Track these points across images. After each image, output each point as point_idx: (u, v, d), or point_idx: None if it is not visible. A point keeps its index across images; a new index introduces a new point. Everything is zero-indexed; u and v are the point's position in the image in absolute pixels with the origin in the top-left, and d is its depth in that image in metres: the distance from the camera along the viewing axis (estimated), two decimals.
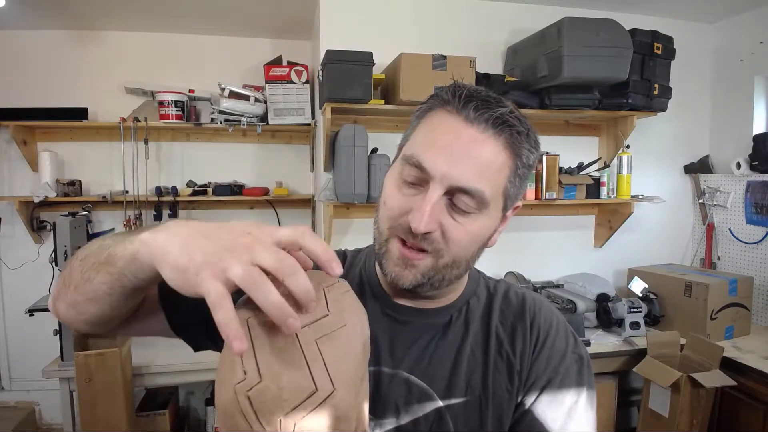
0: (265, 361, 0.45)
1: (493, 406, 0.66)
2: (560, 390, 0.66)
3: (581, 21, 2.17)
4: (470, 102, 0.58)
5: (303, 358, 0.46)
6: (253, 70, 2.81)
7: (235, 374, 0.44)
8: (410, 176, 0.60)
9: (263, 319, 0.47)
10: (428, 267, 0.61)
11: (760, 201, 2.57)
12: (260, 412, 0.43)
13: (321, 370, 0.46)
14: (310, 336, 0.47)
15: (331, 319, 0.49)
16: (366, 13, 2.40)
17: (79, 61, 2.71)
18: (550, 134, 2.71)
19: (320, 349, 0.47)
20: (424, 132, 0.62)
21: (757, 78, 2.65)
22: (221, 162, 2.85)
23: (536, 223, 2.76)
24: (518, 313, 0.71)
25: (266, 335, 0.46)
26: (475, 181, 0.58)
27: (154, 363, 2.23)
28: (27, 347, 2.69)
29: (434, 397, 0.65)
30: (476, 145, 0.58)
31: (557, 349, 0.68)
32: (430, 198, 0.57)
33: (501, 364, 0.67)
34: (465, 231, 0.60)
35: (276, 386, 0.44)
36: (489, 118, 0.58)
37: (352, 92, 2.05)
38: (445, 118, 0.60)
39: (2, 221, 2.70)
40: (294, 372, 0.45)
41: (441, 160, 0.58)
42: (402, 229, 0.60)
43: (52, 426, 2.83)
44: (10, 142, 2.59)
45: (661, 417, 2.04)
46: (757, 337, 2.38)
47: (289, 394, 0.44)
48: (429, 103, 0.64)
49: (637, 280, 2.49)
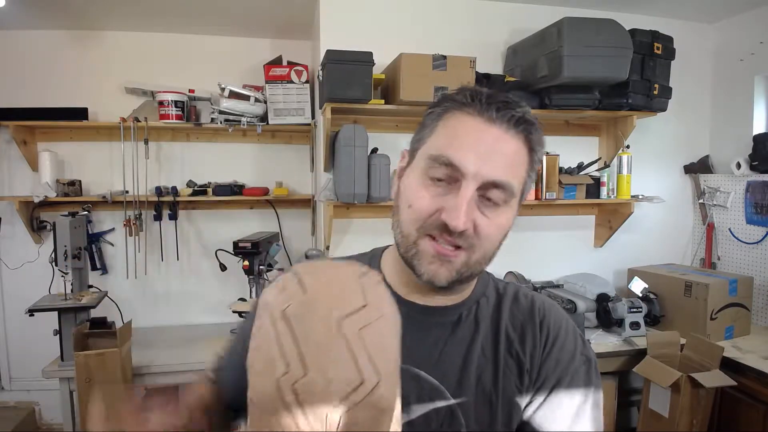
0: (309, 353, 0.43)
1: (503, 403, 0.66)
2: (569, 390, 0.67)
3: (581, 21, 2.17)
4: (491, 104, 0.61)
5: (347, 349, 0.44)
6: (253, 70, 2.81)
7: (276, 367, 0.43)
8: (439, 174, 0.61)
9: (301, 309, 0.46)
10: (462, 263, 0.63)
11: (760, 201, 2.57)
12: (307, 405, 0.42)
13: (366, 362, 0.44)
14: (351, 326, 0.45)
15: (369, 309, 0.48)
16: (366, 13, 2.40)
17: (79, 61, 2.71)
18: (550, 134, 2.67)
19: (363, 340, 0.45)
20: (446, 133, 0.63)
21: (757, 78, 2.65)
22: (221, 162, 2.85)
23: (536, 223, 2.76)
24: (528, 314, 0.72)
25: (306, 325, 0.45)
26: (505, 175, 0.61)
27: (154, 363, 2.23)
28: (27, 347, 2.69)
29: (445, 393, 0.66)
30: (501, 142, 0.61)
31: (566, 350, 0.69)
32: (464, 195, 0.59)
33: (511, 363, 0.68)
34: (495, 225, 0.62)
35: (323, 378, 0.42)
36: (511, 118, 0.61)
37: (352, 92, 2.05)
38: (466, 119, 0.62)
39: (2, 221, 2.70)
40: (340, 363, 0.43)
41: (471, 157, 0.60)
42: (435, 228, 0.61)
43: (52, 426, 2.83)
44: (10, 142, 2.59)
45: (661, 417, 2.04)
46: (757, 337, 2.38)
47: (336, 387, 0.42)
48: (443, 106, 0.65)
49: (637, 280, 2.49)
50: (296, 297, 0.46)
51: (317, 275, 0.50)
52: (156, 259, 2.77)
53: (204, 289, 2.87)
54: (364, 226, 2.48)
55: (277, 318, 0.46)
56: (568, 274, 2.76)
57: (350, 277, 0.47)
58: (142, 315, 2.74)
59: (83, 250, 2.35)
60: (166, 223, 2.74)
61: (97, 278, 2.70)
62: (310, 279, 0.48)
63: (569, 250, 2.83)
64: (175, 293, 2.86)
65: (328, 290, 0.45)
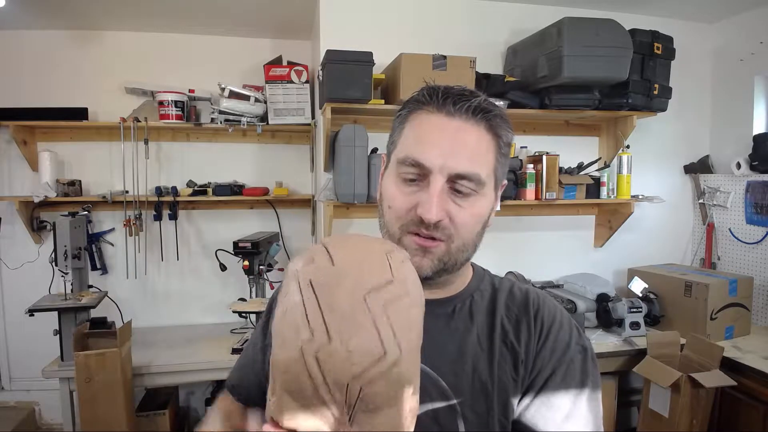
0: (333, 322, 0.44)
1: (499, 392, 0.67)
2: (565, 379, 0.67)
3: (581, 21, 2.17)
4: (447, 98, 0.65)
5: (371, 321, 0.45)
6: (253, 70, 2.81)
7: (301, 334, 0.43)
8: (409, 174, 0.65)
9: (328, 280, 0.46)
10: (443, 252, 0.66)
11: (760, 201, 2.57)
12: (328, 373, 0.42)
13: (389, 335, 0.45)
14: (376, 300, 0.46)
15: (395, 285, 0.48)
16: (366, 13, 2.40)
17: (79, 61, 2.71)
18: (550, 134, 2.71)
19: (387, 314, 0.46)
20: (411, 134, 0.67)
21: (757, 78, 2.65)
22: (221, 162, 2.85)
23: (536, 223, 2.76)
24: (522, 306, 0.73)
25: (332, 296, 0.45)
26: (471, 165, 0.64)
27: (154, 363, 2.23)
28: (27, 347, 2.69)
29: (440, 382, 0.67)
30: (463, 133, 0.64)
31: (561, 340, 0.70)
32: (434, 189, 0.63)
33: (506, 353, 0.69)
34: (470, 214, 0.65)
35: (345, 348, 0.43)
36: (468, 108, 0.64)
37: (352, 92, 2.05)
38: (428, 117, 0.66)
39: (2, 221, 2.69)
40: (363, 334, 0.44)
41: (435, 153, 0.63)
42: (414, 224, 0.65)
43: (52, 426, 2.83)
44: (10, 142, 2.59)
45: (661, 417, 2.04)
46: (757, 337, 2.39)
47: (358, 357, 0.43)
48: (407, 108, 0.70)
49: (637, 280, 2.49)
50: (324, 268, 0.47)
51: (346, 249, 0.50)
52: (156, 259, 2.77)
53: (204, 289, 2.87)
54: (364, 226, 2.48)
55: (305, 286, 0.46)
56: (568, 274, 2.76)
57: (378, 253, 0.48)
58: (142, 315, 2.74)
59: (83, 250, 2.35)
60: (166, 223, 2.74)
61: (97, 278, 2.70)
62: (338, 252, 0.49)
63: (569, 250, 2.83)
64: (175, 293, 2.86)
65: (355, 263, 0.45)
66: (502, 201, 2.36)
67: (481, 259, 0.87)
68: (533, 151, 2.55)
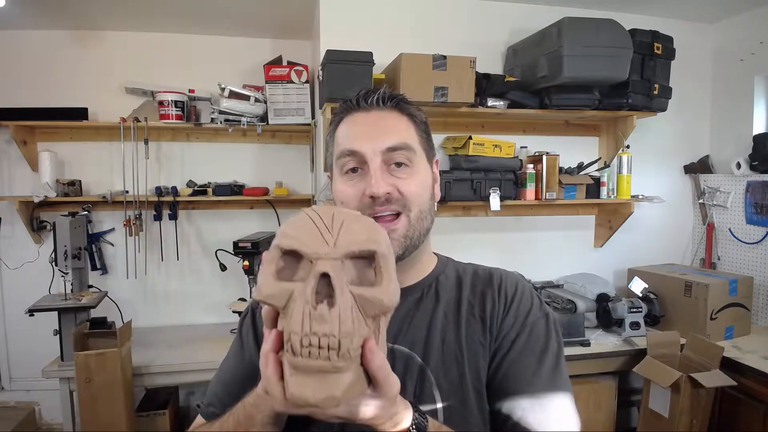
0: (335, 228, 0.52)
1: (469, 357, 0.72)
2: (529, 341, 0.72)
3: (581, 21, 2.17)
4: (359, 99, 0.77)
5: (369, 224, 0.55)
6: (253, 70, 2.80)
7: (314, 221, 0.53)
8: (349, 163, 0.73)
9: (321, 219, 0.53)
10: (405, 226, 0.72)
11: (760, 201, 2.57)
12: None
13: (381, 239, 0.54)
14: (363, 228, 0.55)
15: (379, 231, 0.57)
16: (366, 13, 2.40)
17: (79, 61, 2.71)
18: (550, 134, 2.71)
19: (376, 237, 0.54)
20: (342, 135, 0.77)
21: (757, 78, 2.65)
22: (221, 162, 2.85)
23: (536, 223, 2.76)
24: (487, 282, 0.79)
25: (328, 220, 0.54)
26: (398, 138, 0.73)
27: (154, 363, 2.23)
28: (27, 347, 2.69)
29: (415, 357, 0.72)
30: (380, 120, 0.75)
31: (523, 307, 0.75)
32: (374, 167, 0.71)
33: (473, 322, 0.75)
34: (413, 182, 0.73)
35: (350, 239, 0.52)
36: (378, 99, 0.76)
37: (352, 92, 2.03)
38: (350, 118, 0.77)
39: (2, 221, 2.70)
40: (361, 233, 0.53)
41: (364, 139, 0.73)
42: (368, 206, 0.70)
43: (52, 426, 2.83)
44: (10, 142, 2.59)
45: (661, 417, 2.04)
46: (757, 337, 2.39)
47: (357, 240, 0.52)
48: (332, 123, 0.80)
49: (637, 280, 2.49)
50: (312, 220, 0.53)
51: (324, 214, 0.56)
52: (156, 259, 2.77)
53: (204, 289, 2.87)
54: None
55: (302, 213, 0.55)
56: (568, 274, 2.76)
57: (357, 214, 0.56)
58: (142, 315, 2.74)
59: (83, 250, 2.35)
60: (166, 223, 2.74)
61: (97, 278, 2.70)
62: (319, 213, 0.55)
63: (569, 250, 2.83)
64: (175, 293, 2.86)
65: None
66: (502, 201, 2.36)
67: (481, 259, 0.88)
68: (533, 151, 2.55)
